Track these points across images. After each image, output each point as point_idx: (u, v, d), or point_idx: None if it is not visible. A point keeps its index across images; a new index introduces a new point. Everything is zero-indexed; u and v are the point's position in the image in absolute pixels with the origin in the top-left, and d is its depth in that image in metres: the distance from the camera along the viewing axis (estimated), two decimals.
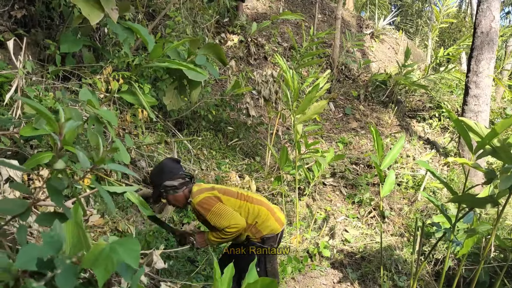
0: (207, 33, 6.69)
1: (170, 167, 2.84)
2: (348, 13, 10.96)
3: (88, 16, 4.09)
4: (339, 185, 5.80)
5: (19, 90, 3.48)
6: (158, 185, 2.79)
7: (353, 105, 7.88)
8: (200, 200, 2.76)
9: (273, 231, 2.94)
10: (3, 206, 0.90)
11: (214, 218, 2.72)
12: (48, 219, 0.99)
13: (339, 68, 8.51)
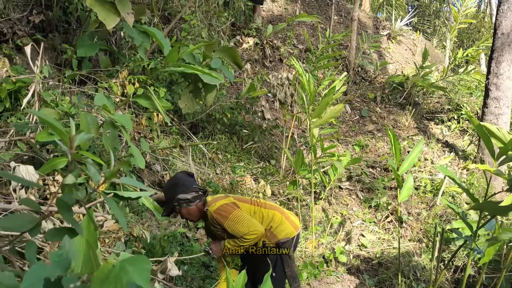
0: (223, 35, 6.68)
1: (184, 180, 2.82)
2: (365, 14, 10.85)
3: (104, 21, 4.11)
4: (356, 189, 5.73)
5: (36, 95, 3.50)
6: (171, 198, 2.77)
7: (369, 107, 7.79)
8: (217, 207, 2.73)
9: (288, 235, 2.91)
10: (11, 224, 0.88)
11: (233, 224, 2.69)
12: (58, 234, 0.96)
13: (356, 70, 8.42)
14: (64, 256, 0.85)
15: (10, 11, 4.69)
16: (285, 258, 2.91)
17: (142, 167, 3.24)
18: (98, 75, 4.77)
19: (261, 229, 2.75)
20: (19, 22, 4.68)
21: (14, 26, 4.61)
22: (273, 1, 9.45)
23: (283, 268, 2.92)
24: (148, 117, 4.55)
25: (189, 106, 4.84)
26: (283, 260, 2.91)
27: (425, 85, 7.65)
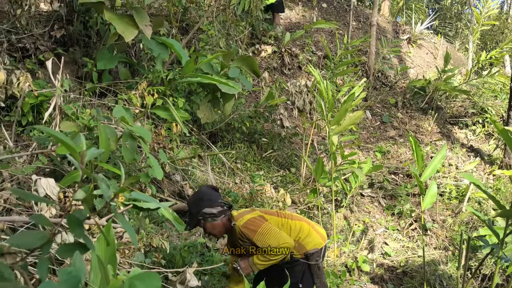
0: (240, 44, 6.70)
1: (209, 195, 2.80)
2: (384, 19, 10.75)
3: (122, 33, 4.17)
4: (378, 196, 5.63)
5: (57, 108, 3.56)
6: (196, 212, 2.74)
7: (390, 113, 7.68)
8: (245, 222, 2.70)
9: (316, 246, 2.87)
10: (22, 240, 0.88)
11: (262, 238, 2.64)
12: (69, 250, 0.96)
13: (376, 75, 8.33)
14: (74, 274, 0.84)
15: (32, 27, 4.80)
16: (314, 269, 2.86)
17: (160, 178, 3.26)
18: (118, 87, 4.83)
19: (291, 241, 2.71)
20: (41, 37, 4.79)
21: (37, 42, 4.72)
22: (290, 9, 9.45)
23: (313, 280, 2.87)
24: (167, 127, 4.57)
25: (207, 116, 4.86)
26: (312, 272, 2.86)
27: (448, 89, 7.50)
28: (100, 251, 1.32)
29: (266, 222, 2.73)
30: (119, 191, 0.98)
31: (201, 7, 6.43)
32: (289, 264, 2.86)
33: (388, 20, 10.81)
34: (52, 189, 2.67)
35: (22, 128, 3.76)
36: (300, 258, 2.84)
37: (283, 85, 5.70)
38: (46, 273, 0.90)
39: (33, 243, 0.89)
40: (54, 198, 2.65)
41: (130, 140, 3.11)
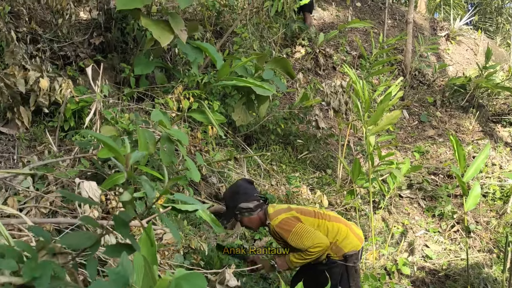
0: (274, 46, 6.70)
1: (245, 189, 2.81)
2: (420, 16, 10.51)
3: (158, 39, 4.25)
4: (417, 197, 5.50)
5: (97, 113, 3.66)
6: (233, 207, 2.77)
7: (429, 112, 7.49)
8: (280, 221, 2.70)
9: (354, 248, 2.83)
10: (72, 241, 0.90)
11: (296, 238, 2.65)
12: (116, 250, 0.98)
13: (413, 73, 8.14)
14: (122, 274, 0.86)
15: (73, 35, 4.97)
16: (351, 272, 2.83)
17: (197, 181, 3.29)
18: (155, 91, 4.93)
19: (326, 241, 2.69)
20: (81, 45, 4.95)
21: (77, 49, 4.87)
22: (324, 9, 9.38)
23: (348, 282, 2.84)
24: (203, 130, 4.63)
25: (242, 118, 4.88)
26: (349, 274, 2.83)
27: (489, 86, 7.25)
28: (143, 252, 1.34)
29: (300, 223, 2.71)
30: (163, 193, 0.99)
31: (235, 10, 6.48)
32: (327, 266, 2.83)
33: (425, 17, 10.56)
34: (94, 192, 2.75)
35: (65, 133, 3.89)
36: (338, 260, 2.81)
37: (318, 86, 5.66)
38: (95, 272, 0.92)
39: (83, 244, 0.92)
40: (96, 201, 2.73)
41: (168, 143, 3.16)
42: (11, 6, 4.51)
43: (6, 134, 3.80)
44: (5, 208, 1.84)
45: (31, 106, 3.78)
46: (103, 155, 2.97)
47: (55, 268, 0.87)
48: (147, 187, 0.96)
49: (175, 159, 3.63)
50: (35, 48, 4.59)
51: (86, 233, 0.97)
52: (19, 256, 0.90)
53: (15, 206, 2.34)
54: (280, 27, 6.83)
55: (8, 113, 3.82)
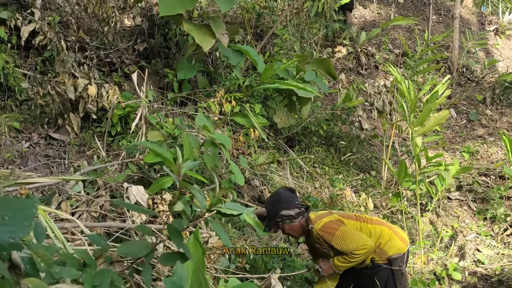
0: (315, 47, 6.64)
1: (286, 197, 2.82)
2: (467, 10, 10.13)
3: (200, 43, 4.31)
4: (467, 199, 5.29)
5: (143, 118, 3.75)
6: (274, 214, 2.78)
7: (478, 110, 7.20)
8: (323, 225, 2.69)
9: (399, 251, 2.77)
10: (129, 250, 0.92)
11: (340, 241, 2.63)
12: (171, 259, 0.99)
13: (460, 70, 7.85)
14: (177, 283, 0.86)
15: (118, 42, 5.12)
16: (397, 275, 2.76)
17: (242, 184, 3.31)
18: (197, 95, 4.99)
19: (370, 243, 2.66)
20: (126, 51, 5.09)
21: (122, 56, 5.02)
22: (365, 7, 9.22)
23: (395, 286, 2.77)
24: (245, 133, 4.64)
25: (284, 121, 4.87)
26: (395, 277, 2.76)
27: None
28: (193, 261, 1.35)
29: (343, 226, 2.69)
30: (216, 202, 1.00)
31: (275, 12, 6.47)
32: (371, 270, 2.78)
33: (472, 11, 10.17)
34: (141, 196, 2.81)
35: (112, 138, 4.00)
36: (382, 264, 2.75)
37: (361, 86, 5.56)
38: (150, 280, 0.94)
39: (139, 252, 0.93)
40: (144, 205, 2.79)
41: (212, 147, 3.19)
42: (61, 16, 4.70)
43: (58, 140, 3.95)
44: (59, 213, 1.91)
45: (80, 112, 3.92)
46: (149, 160, 3.04)
47: (112, 276, 0.89)
48: (199, 196, 0.97)
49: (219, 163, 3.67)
50: (83, 56, 4.76)
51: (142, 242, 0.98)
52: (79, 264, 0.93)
53: (68, 210, 2.43)
54: (321, 27, 6.76)
55: (59, 120, 3.98)
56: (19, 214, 0.81)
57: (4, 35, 4.09)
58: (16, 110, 4.04)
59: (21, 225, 0.80)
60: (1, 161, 3.49)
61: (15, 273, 0.88)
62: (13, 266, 0.89)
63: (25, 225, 0.80)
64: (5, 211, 0.79)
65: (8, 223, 0.79)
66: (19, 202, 0.83)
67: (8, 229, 0.78)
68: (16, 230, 0.78)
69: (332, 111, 5.55)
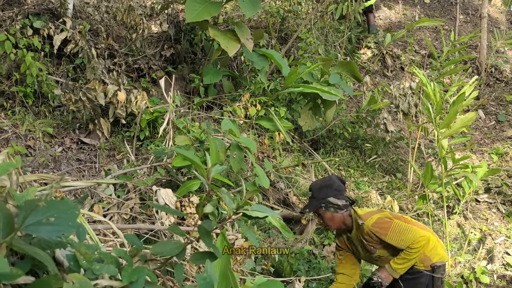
0: (339, 50, 6.65)
1: (338, 185, 2.72)
2: (496, 9, 9.93)
3: (226, 48, 4.38)
4: (496, 202, 5.20)
5: (170, 123, 3.84)
6: (321, 198, 2.67)
7: (507, 111, 7.06)
8: (375, 221, 2.61)
9: (442, 259, 2.71)
10: (162, 249, 0.98)
11: (395, 236, 2.54)
12: (201, 258, 1.05)
13: (488, 71, 7.72)
14: (208, 280, 0.92)
15: (145, 48, 5.25)
16: (437, 284, 2.70)
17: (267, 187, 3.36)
18: (223, 99, 5.07)
19: (426, 234, 2.58)
20: (153, 57, 5.21)
21: (149, 62, 5.14)
22: (390, 8, 9.15)
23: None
24: (270, 136, 4.69)
25: (309, 124, 4.90)
26: (435, 286, 2.71)
27: None
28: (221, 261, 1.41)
29: (396, 220, 2.62)
30: (243, 204, 1.05)
31: (299, 16, 6.51)
32: (412, 275, 2.71)
33: (501, 10, 9.97)
34: (170, 199, 2.89)
35: (141, 142, 4.12)
36: (424, 270, 2.68)
37: (386, 88, 5.53)
38: (182, 277, 1.00)
39: (172, 252, 0.99)
40: (172, 207, 2.87)
41: (238, 151, 3.26)
42: (91, 25, 4.86)
43: (89, 144, 4.09)
44: (92, 215, 2.01)
45: (110, 117, 4.05)
46: (177, 164, 3.13)
47: (148, 273, 0.96)
48: (227, 199, 1.02)
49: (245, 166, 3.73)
50: (112, 63, 4.90)
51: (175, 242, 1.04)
52: (116, 261, 1.00)
53: (100, 212, 2.53)
54: (345, 30, 6.76)
55: (90, 125, 4.11)
56: (64, 215, 0.88)
57: (38, 44, 4.26)
58: (49, 116, 4.19)
59: (66, 225, 0.87)
60: (36, 165, 3.64)
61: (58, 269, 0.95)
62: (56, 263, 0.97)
63: (70, 225, 0.87)
64: (52, 212, 0.86)
65: (55, 223, 0.86)
66: (63, 204, 0.90)
67: (55, 228, 0.85)
68: (62, 229, 0.86)
69: (357, 114, 5.55)
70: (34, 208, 0.84)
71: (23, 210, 0.85)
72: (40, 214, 0.86)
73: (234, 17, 6.27)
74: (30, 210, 0.85)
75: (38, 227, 0.83)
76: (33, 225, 0.84)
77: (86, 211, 2.03)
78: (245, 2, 4.37)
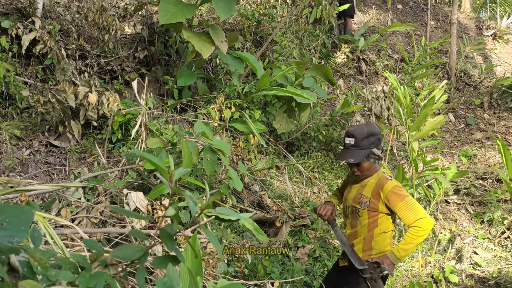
0: (314, 53, 6.70)
1: (380, 136, 2.61)
2: (465, 15, 10.19)
3: (200, 51, 4.36)
4: (465, 203, 5.32)
5: (143, 125, 3.79)
6: (367, 148, 2.54)
7: (476, 114, 7.24)
8: (395, 185, 2.52)
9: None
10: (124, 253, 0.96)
11: (406, 208, 2.46)
12: (163, 262, 1.03)
13: (458, 75, 7.91)
14: (168, 284, 0.91)
15: (118, 50, 5.17)
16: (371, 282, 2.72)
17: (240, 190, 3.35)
18: (197, 102, 5.04)
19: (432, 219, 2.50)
20: (126, 59, 5.15)
21: (123, 63, 5.07)
22: (364, 13, 9.29)
23: None
24: (245, 139, 4.69)
25: (284, 126, 4.91)
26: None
27: None
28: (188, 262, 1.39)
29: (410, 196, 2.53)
30: (205, 207, 1.04)
31: (274, 19, 6.54)
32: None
33: (470, 17, 10.23)
34: (141, 202, 2.85)
35: (113, 145, 4.05)
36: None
37: (359, 91, 5.60)
38: (143, 282, 0.98)
39: (133, 255, 0.97)
40: (143, 211, 2.83)
41: (211, 153, 3.24)
42: (61, 25, 4.77)
43: (58, 147, 4.00)
44: (58, 220, 1.95)
45: (81, 119, 3.97)
46: (149, 167, 3.09)
47: (107, 278, 0.93)
48: (190, 202, 1.01)
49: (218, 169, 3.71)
50: (83, 64, 4.82)
51: (136, 245, 1.02)
52: (74, 267, 0.97)
53: (68, 217, 2.47)
54: (320, 33, 6.82)
55: (60, 127, 4.03)
56: (17, 219, 0.85)
57: (5, 44, 4.15)
58: (17, 118, 4.09)
59: (19, 229, 0.84)
60: (2, 169, 3.54)
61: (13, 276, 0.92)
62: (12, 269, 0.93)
63: (22, 230, 0.84)
64: (4, 217, 0.83)
65: (7, 228, 0.83)
66: (17, 208, 0.87)
67: (6, 233, 0.82)
68: (14, 234, 0.83)
69: (331, 117, 5.60)
70: None
71: None
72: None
73: (209, 19, 6.25)
74: None
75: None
76: None
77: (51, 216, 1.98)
78: (219, 5, 4.36)
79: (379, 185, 2.56)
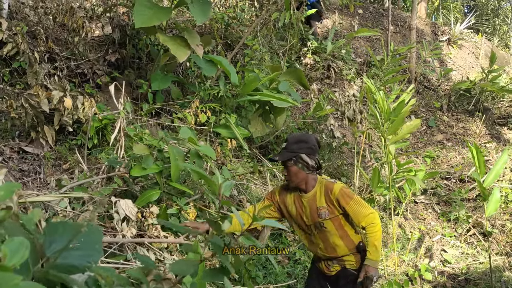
0: (283, 57, 6.78)
1: (313, 145, 2.68)
2: (421, 21, 10.63)
3: (176, 54, 4.31)
4: (431, 203, 5.56)
5: (121, 131, 3.71)
6: (294, 151, 2.61)
7: (436, 117, 7.57)
8: (342, 186, 2.66)
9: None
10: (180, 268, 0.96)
11: (357, 205, 2.60)
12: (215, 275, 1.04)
13: (418, 79, 8.24)
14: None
15: (88, 52, 5.03)
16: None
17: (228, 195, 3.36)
18: (172, 106, 4.98)
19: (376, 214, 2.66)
20: (97, 62, 5.00)
21: (93, 66, 4.93)
22: (326, 18, 9.48)
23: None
24: (220, 143, 4.68)
25: (259, 130, 4.94)
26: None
27: (495, 90, 7.34)
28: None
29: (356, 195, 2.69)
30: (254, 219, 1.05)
31: (243, 23, 6.56)
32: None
33: (426, 22, 10.69)
34: (130, 210, 2.80)
35: (89, 151, 3.93)
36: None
37: (331, 95, 5.73)
38: None
39: (188, 270, 0.97)
40: (133, 219, 2.78)
41: (197, 159, 3.22)
42: (28, 26, 4.57)
43: (31, 153, 3.84)
44: None
45: (55, 125, 3.83)
46: (136, 173, 3.03)
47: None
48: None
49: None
50: (52, 67, 4.64)
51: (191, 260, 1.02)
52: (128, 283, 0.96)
53: None
54: (289, 37, 6.91)
55: (32, 133, 3.86)
56: (89, 239, 0.83)
57: None
58: None
59: (93, 248, 0.82)
60: None
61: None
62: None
63: (96, 249, 0.83)
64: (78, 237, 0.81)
65: (81, 247, 0.81)
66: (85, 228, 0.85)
67: (83, 253, 0.80)
68: (90, 254, 0.81)
69: (304, 120, 5.69)
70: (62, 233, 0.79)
71: (48, 235, 0.79)
72: (63, 239, 0.81)
73: (179, 22, 6.19)
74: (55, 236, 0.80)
75: (68, 253, 0.78)
76: (60, 251, 0.79)
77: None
78: (195, 9, 4.32)
79: (327, 190, 2.66)
